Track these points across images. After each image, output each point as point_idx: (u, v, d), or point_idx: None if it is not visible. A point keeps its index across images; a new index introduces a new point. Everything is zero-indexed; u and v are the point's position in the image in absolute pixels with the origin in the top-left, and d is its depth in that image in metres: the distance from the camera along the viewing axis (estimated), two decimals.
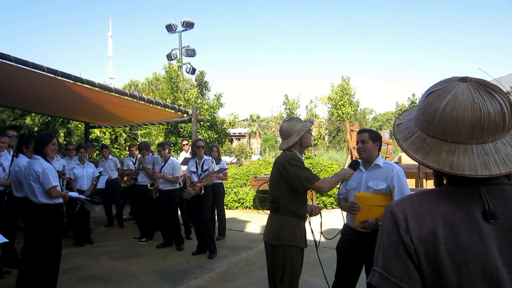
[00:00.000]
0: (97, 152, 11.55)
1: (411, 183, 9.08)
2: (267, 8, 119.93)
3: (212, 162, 5.80)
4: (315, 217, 3.05)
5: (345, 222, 3.06)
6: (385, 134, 29.19)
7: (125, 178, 7.74)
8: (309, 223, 2.99)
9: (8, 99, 7.49)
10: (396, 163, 9.74)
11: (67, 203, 4.82)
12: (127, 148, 12.41)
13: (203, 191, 5.57)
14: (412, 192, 2.87)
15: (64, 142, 11.70)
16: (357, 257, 2.86)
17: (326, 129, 28.06)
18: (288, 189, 2.76)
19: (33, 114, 11.22)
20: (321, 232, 3.01)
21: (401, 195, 2.74)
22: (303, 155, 2.95)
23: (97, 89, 6.63)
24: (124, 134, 12.50)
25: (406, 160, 9.37)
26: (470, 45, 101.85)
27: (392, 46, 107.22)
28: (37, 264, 3.85)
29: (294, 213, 2.78)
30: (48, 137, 4.10)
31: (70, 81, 5.80)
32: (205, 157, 5.77)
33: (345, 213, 3.06)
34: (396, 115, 16.19)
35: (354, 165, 2.86)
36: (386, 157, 14.67)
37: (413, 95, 14.49)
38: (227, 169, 6.85)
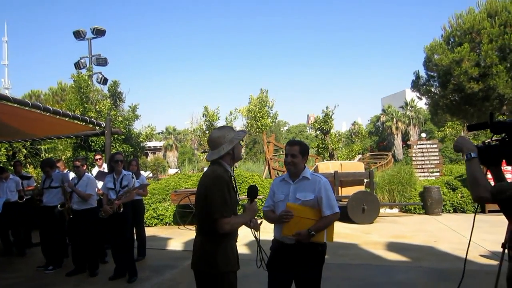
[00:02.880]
0: None
1: None
2: (182, 20, 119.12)
3: (132, 177, 5.41)
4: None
5: (274, 237, 2.97)
6: None
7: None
8: (255, 237, 2.74)
9: None
10: (314, 171, 10.25)
11: None
12: (27, 165, 11.08)
13: (121, 209, 5.15)
14: None
15: None
16: (286, 271, 2.82)
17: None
18: None
19: None
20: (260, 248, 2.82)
21: (328, 205, 2.81)
22: (233, 168, 2.69)
23: None
24: (24, 150, 11.13)
25: (323, 169, 9.92)
26: (369, 64, 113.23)
27: (303, 62, 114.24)
28: None
29: (225, 234, 2.46)
30: None
31: None
32: (124, 172, 5.36)
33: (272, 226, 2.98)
34: (313, 127, 17.17)
35: (253, 192, 2.65)
36: None
37: (327, 107, 15.55)
38: (148, 184, 6.48)
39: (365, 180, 9.92)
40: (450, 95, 15.28)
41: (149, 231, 8.67)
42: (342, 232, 8.34)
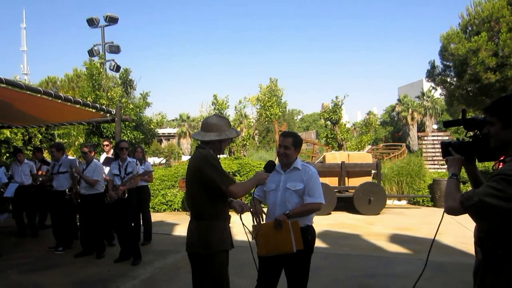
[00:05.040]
0: (7, 155, 10.50)
1: (334, 181, 9.64)
2: (193, 7, 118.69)
3: (137, 164, 5.57)
4: (246, 215, 2.91)
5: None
6: (312, 134, 30.54)
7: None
8: (242, 221, 2.86)
9: None
10: (321, 162, 10.26)
11: None
12: (43, 150, 11.42)
13: (126, 195, 5.32)
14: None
15: None
16: (276, 260, 2.90)
17: (255, 129, 28.58)
18: (209, 191, 2.60)
19: None
20: (251, 232, 2.89)
21: (312, 193, 2.88)
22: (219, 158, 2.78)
23: (3, 85, 5.99)
24: (39, 135, 11.47)
25: (330, 159, 9.92)
26: (386, 52, 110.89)
27: (319, 50, 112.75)
28: None
29: (219, 216, 2.66)
30: None
31: None
32: (128, 159, 5.52)
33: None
34: (322, 117, 17.04)
35: (269, 167, 2.83)
36: (312, 157, 15.38)
37: (336, 97, 15.38)
38: (152, 171, 6.63)
39: (373, 171, 9.88)
40: (466, 85, 14.89)
41: (157, 217, 8.91)
42: (347, 222, 8.39)
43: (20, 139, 10.86)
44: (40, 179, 7.36)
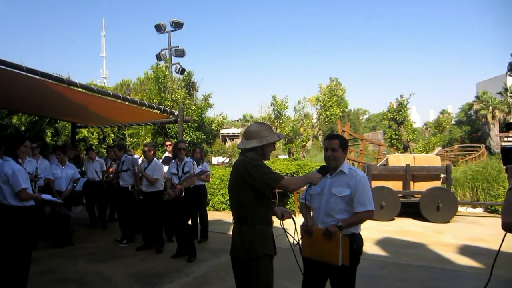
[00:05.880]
0: (85, 152, 11.46)
1: (398, 185, 9.09)
2: (254, 9, 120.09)
3: (193, 164, 5.74)
4: (287, 221, 2.90)
5: None
6: (379, 135, 29.20)
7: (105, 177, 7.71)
8: (283, 227, 2.81)
9: None
10: (384, 165, 9.74)
11: (49, 202, 4.80)
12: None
13: (183, 193, 5.51)
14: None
15: (52, 142, 11.61)
16: (321, 270, 2.79)
17: (319, 129, 28.08)
18: (254, 195, 2.59)
19: (20, 113, 11.09)
20: (293, 237, 2.83)
21: (361, 201, 2.71)
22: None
23: (79, 89, 6.57)
24: (112, 134, 12.41)
25: (394, 162, 9.37)
26: (463, 45, 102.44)
27: (389, 47, 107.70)
28: (3, 268, 3.77)
29: (263, 220, 2.63)
30: (20, 139, 4.08)
31: (52, 81, 5.75)
32: (186, 159, 5.71)
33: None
34: (385, 117, 16.14)
35: (323, 170, 2.76)
36: (377, 158, 14.70)
37: (401, 96, 14.52)
38: (209, 171, 6.78)
39: (442, 175, 9.13)
40: None
41: (216, 215, 9.13)
42: (412, 230, 7.86)
43: (96, 137, 11.84)
44: (111, 175, 7.94)
